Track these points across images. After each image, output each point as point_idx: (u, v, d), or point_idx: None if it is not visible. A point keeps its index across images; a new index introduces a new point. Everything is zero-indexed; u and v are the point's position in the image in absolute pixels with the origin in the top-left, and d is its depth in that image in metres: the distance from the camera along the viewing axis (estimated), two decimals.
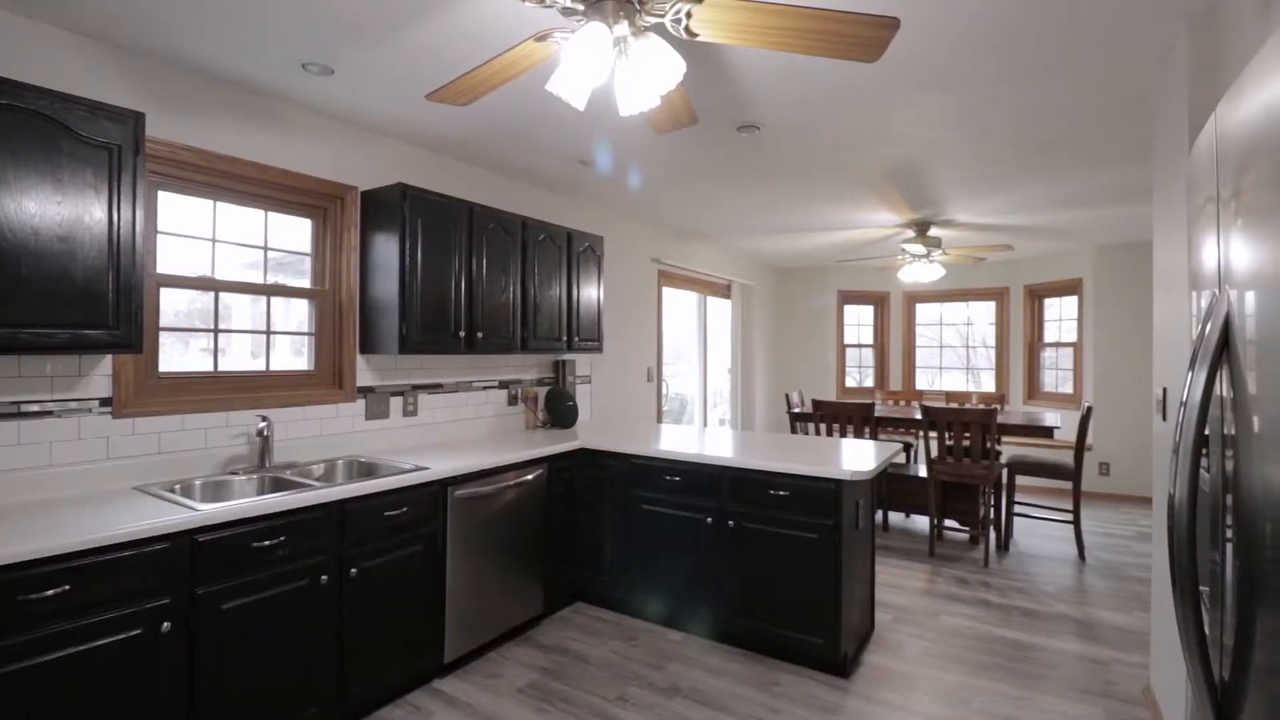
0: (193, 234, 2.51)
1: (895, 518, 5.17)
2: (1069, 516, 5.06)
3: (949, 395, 5.96)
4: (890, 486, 4.75)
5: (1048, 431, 4.34)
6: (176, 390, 2.41)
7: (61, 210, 1.82)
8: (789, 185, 3.95)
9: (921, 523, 5.04)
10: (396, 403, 3.17)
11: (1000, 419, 4.59)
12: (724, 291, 6.51)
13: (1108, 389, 5.90)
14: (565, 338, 3.73)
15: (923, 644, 2.99)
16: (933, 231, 5.13)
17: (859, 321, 7.61)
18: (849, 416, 4.60)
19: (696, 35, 1.58)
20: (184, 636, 1.83)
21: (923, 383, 7.38)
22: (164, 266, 2.41)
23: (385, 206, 2.87)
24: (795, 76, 2.38)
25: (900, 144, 3.14)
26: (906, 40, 2.09)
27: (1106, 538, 4.72)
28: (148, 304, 2.32)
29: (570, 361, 4.16)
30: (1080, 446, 4.23)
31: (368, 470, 2.74)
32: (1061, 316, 6.51)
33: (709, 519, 2.93)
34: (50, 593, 1.58)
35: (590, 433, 3.68)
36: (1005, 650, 2.93)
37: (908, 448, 5.35)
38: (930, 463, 4.26)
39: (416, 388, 3.27)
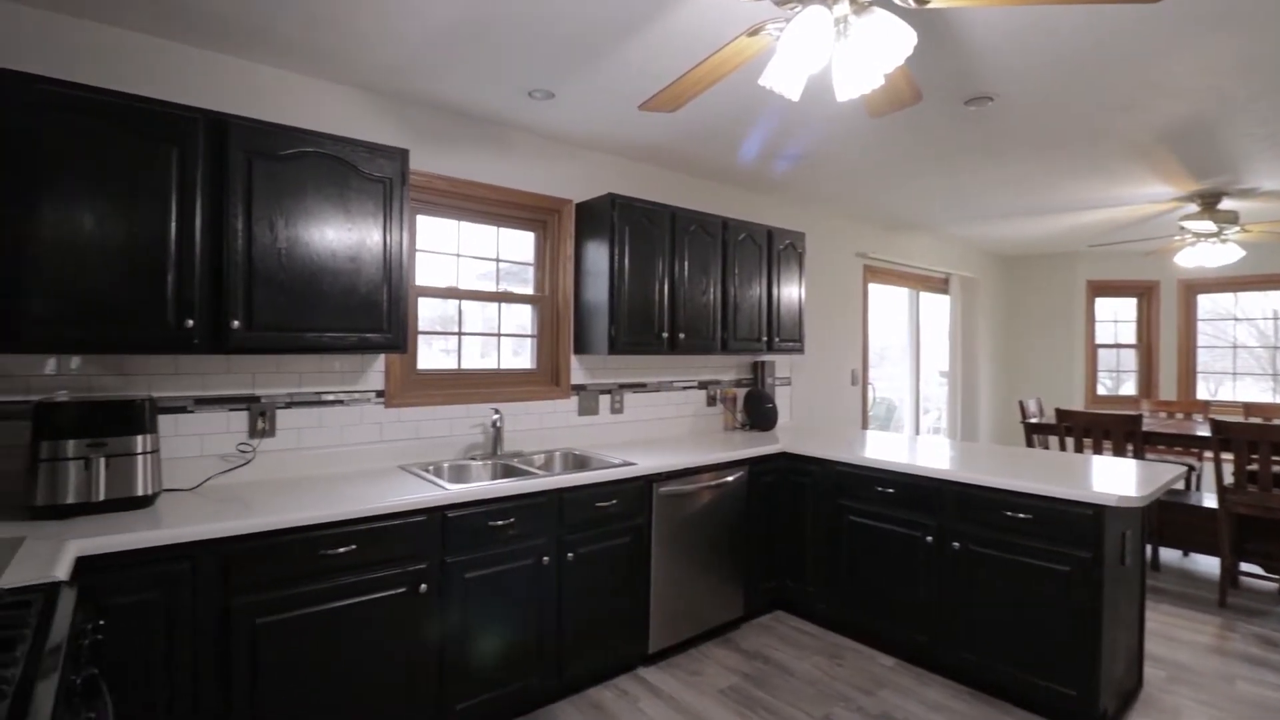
0: (440, 250, 2.89)
1: (1168, 555, 4.27)
2: None
3: (1248, 408, 4.77)
4: (1161, 516, 3.93)
5: None
6: (429, 385, 2.80)
7: (350, 235, 2.21)
8: (1027, 161, 3.45)
9: (1206, 564, 4.10)
10: (604, 400, 3.35)
11: None
12: (940, 286, 5.91)
13: None
14: (765, 338, 3.66)
15: (1211, 712, 2.42)
16: (1225, 204, 4.14)
17: (1115, 317, 6.42)
18: (1106, 430, 3.89)
19: (927, 2, 1.43)
20: (437, 598, 2.11)
21: (1204, 391, 6.01)
22: (419, 279, 2.81)
23: (596, 216, 3.05)
24: (1041, 34, 2.06)
25: (1180, 99, 2.57)
26: None
27: None
28: (409, 311, 2.72)
29: (769, 363, 4.07)
30: None
31: (580, 462, 2.93)
32: None
33: (928, 537, 2.66)
34: (343, 550, 1.92)
35: (790, 436, 3.57)
36: None
37: (1190, 470, 4.39)
38: (1223, 491, 3.44)
39: (622, 386, 3.43)
